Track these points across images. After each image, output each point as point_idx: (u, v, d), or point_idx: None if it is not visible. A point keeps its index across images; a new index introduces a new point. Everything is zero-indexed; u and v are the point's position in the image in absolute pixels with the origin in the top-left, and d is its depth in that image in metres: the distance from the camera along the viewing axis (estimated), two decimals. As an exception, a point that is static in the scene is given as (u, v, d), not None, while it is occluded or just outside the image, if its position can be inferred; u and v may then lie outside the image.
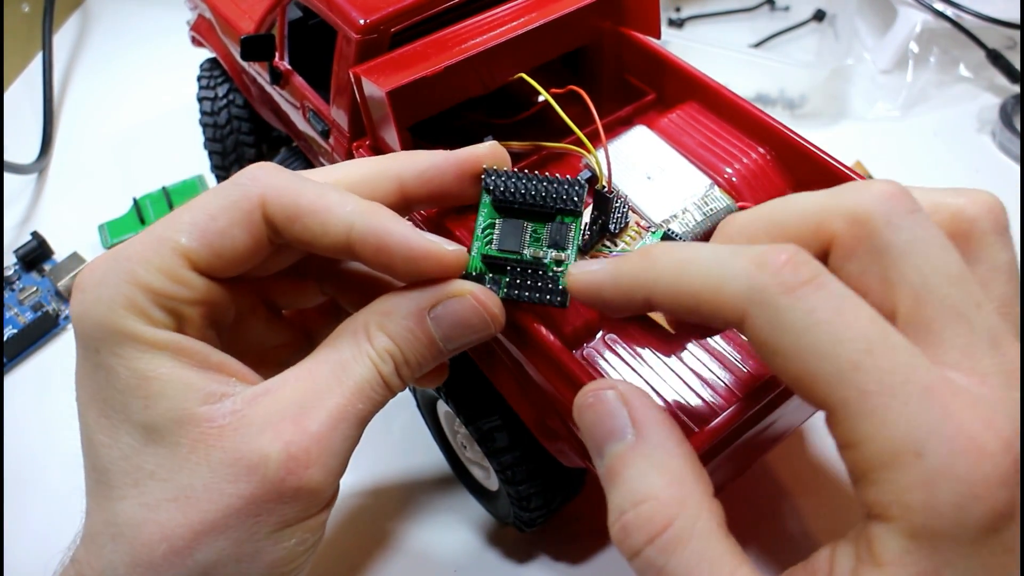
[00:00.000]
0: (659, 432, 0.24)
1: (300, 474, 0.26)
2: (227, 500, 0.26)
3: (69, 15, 0.86)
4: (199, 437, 0.26)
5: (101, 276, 0.27)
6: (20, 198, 0.67)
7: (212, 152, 0.60)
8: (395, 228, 0.28)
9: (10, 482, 0.48)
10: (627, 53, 0.44)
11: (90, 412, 0.28)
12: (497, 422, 0.37)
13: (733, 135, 0.39)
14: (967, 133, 0.68)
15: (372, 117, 0.38)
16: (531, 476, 0.38)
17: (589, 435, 0.25)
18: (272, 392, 0.27)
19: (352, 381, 0.28)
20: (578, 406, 0.25)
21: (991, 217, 0.25)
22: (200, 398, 0.27)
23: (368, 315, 0.29)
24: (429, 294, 0.29)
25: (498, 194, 0.31)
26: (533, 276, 0.30)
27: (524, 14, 0.39)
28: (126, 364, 0.26)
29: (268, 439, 0.26)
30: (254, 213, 0.28)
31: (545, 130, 0.39)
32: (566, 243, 0.30)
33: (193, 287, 0.28)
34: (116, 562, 0.26)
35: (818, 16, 0.77)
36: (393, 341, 0.28)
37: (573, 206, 0.30)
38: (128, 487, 0.27)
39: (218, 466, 0.26)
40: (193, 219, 0.28)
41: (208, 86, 0.59)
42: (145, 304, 0.27)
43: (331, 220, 0.28)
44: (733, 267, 0.23)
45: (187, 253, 0.28)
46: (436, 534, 0.45)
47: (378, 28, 0.38)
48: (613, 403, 0.25)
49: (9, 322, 0.56)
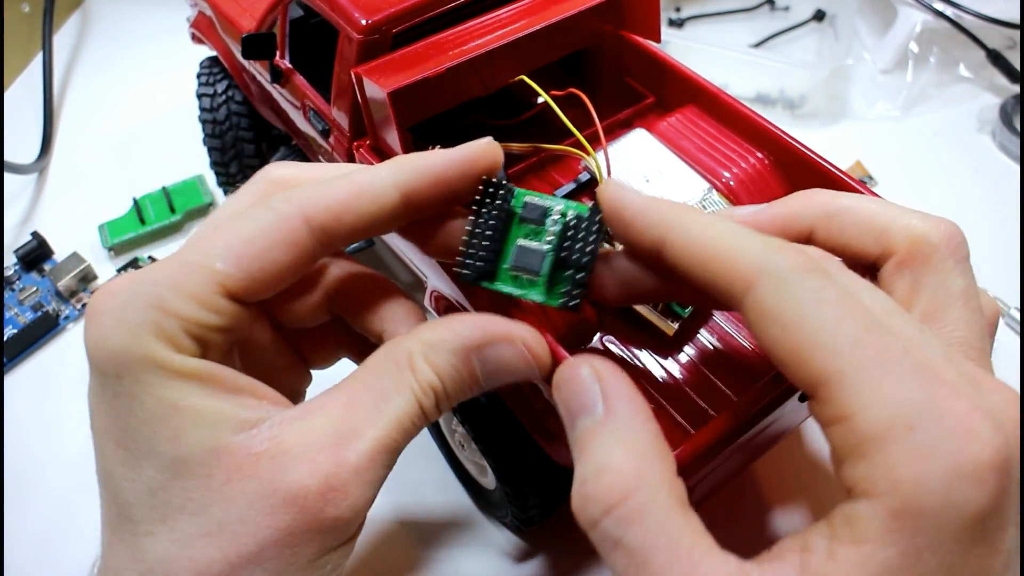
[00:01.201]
0: (627, 409, 0.24)
1: (339, 505, 0.26)
2: (264, 533, 0.25)
3: (69, 15, 0.86)
4: (234, 468, 0.25)
5: (124, 300, 0.26)
6: (20, 198, 0.67)
7: (211, 148, 0.60)
8: (432, 158, 0.29)
9: (10, 482, 0.48)
10: (627, 56, 0.44)
11: (107, 443, 0.26)
12: (495, 422, 0.37)
13: (732, 139, 0.39)
14: (967, 133, 0.68)
15: (373, 117, 0.38)
16: (529, 476, 0.38)
17: (564, 409, 0.25)
18: (309, 418, 0.27)
19: (393, 413, 0.27)
20: (556, 381, 0.26)
21: (951, 245, 0.27)
22: (235, 426, 0.26)
23: (413, 343, 0.28)
24: (480, 333, 0.28)
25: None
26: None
27: (525, 16, 0.39)
28: (152, 393, 0.25)
29: (307, 471, 0.25)
30: (297, 232, 0.27)
31: (545, 132, 0.39)
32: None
33: (224, 314, 0.27)
34: None
35: (818, 16, 0.77)
36: (438, 375, 0.28)
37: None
38: (155, 523, 0.26)
39: (255, 498, 0.25)
40: (228, 244, 0.27)
41: (207, 83, 0.59)
42: (174, 331, 0.26)
43: (377, 192, 0.28)
44: (754, 241, 0.24)
45: (223, 279, 0.27)
46: (435, 534, 0.45)
47: (380, 29, 0.38)
48: (586, 379, 0.25)
49: (9, 322, 0.56)
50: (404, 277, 0.55)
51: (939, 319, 0.26)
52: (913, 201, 0.30)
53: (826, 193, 0.29)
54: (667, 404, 0.32)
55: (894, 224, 0.27)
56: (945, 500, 0.20)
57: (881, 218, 0.28)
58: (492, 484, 0.42)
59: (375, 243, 0.52)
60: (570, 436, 0.25)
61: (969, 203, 0.62)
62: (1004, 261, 0.57)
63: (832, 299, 0.22)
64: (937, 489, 0.20)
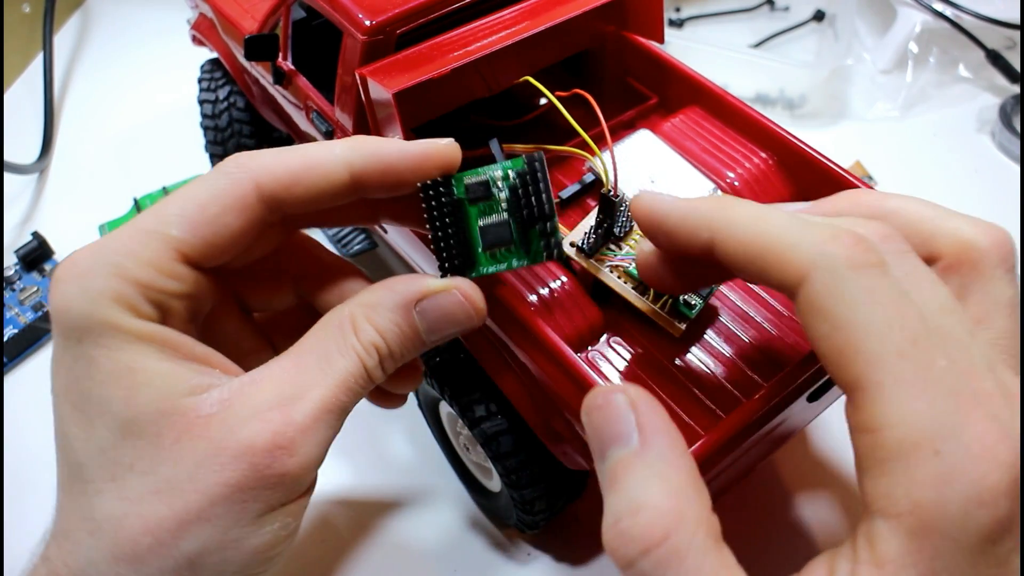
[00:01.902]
0: (664, 441, 0.24)
1: (285, 461, 0.27)
2: (213, 489, 0.26)
3: (70, 15, 0.85)
4: (184, 428, 0.26)
5: (85, 268, 0.27)
6: (21, 198, 0.66)
7: (213, 155, 0.60)
8: (389, 146, 0.29)
9: (10, 482, 0.48)
10: (630, 57, 0.44)
11: (64, 405, 0.27)
12: (502, 425, 0.37)
13: (735, 139, 0.39)
14: (966, 133, 0.68)
15: (377, 118, 0.38)
16: (535, 479, 0.38)
17: (595, 437, 0.25)
18: (258, 382, 0.28)
19: (337, 373, 0.28)
20: (587, 407, 0.25)
21: (1001, 253, 0.26)
22: (186, 389, 0.27)
23: (354, 307, 0.30)
24: (415, 288, 0.29)
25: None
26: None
27: (529, 17, 0.39)
28: (109, 355, 0.26)
29: (255, 428, 0.26)
30: (248, 197, 0.28)
31: (549, 132, 0.39)
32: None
33: (182, 279, 0.28)
34: (96, 558, 0.26)
35: (818, 16, 0.77)
36: (379, 333, 0.29)
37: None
38: (105, 481, 0.27)
39: (204, 456, 0.26)
40: (182, 210, 0.28)
41: (209, 88, 0.59)
42: (133, 297, 0.27)
43: (328, 168, 0.29)
44: (809, 232, 0.23)
45: (178, 245, 0.28)
46: (436, 535, 0.45)
47: (384, 30, 0.38)
48: (622, 407, 0.24)
49: (10, 322, 0.56)
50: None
51: (986, 327, 0.25)
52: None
53: (873, 194, 0.29)
54: (676, 405, 0.33)
55: (941, 228, 0.27)
56: (963, 525, 0.20)
57: (928, 222, 0.27)
58: (497, 487, 0.42)
59: (377, 244, 0.52)
60: (599, 465, 0.25)
61: (968, 203, 0.61)
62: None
63: (885, 300, 0.22)
64: (956, 514, 0.20)
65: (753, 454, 0.34)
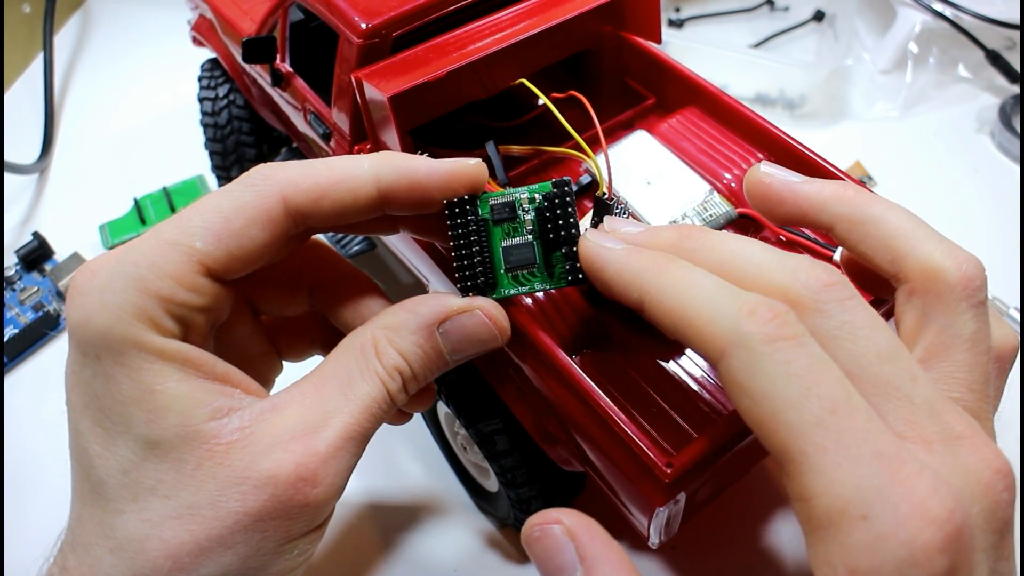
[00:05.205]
0: (607, 569, 0.24)
1: (308, 492, 0.26)
2: (234, 517, 0.26)
3: (70, 15, 0.86)
4: (205, 455, 0.26)
5: (105, 280, 0.26)
6: (21, 198, 0.67)
7: (213, 152, 0.60)
8: (417, 163, 0.29)
9: (10, 482, 0.48)
10: (628, 57, 0.44)
11: (83, 420, 0.27)
12: (498, 425, 0.37)
13: (733, 140, 0.39)
14: (966, 133, 0.68)
15: (373, 120, 0.38)
16: (532, 479, 0.38)
17: (539, 568, 0.25)
18: (279, 408, 0.27)
19: (360, 399, 0.28)
20: (525, 538, 0.25)
21: (969, 288, 0.25)
22: (207, 414, 0.26)
23: (375, 330, 0.29)
24: (438, 309, 0.29)
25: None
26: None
27: (526, 19, 0.39)
28: (130, 375, 0.26)
29: (278, 458, 0.26)
30: (274, 210, 0.28)
31: (547, 133, 0.39)
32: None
33: (203, 293, 0.28)
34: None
35: (818, 16, 0.77)
36: (403, 356, 0.28)
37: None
38: (127, 501, 0.26)
39: (225, 484, 0.26)
40: (206, 222, 0.28)
41: (209, 86, 0.59)
42: (155, 312, 0.26)
43: (356, 183, 0.28)
44: (728, 307, 0.23)
45: (202, 258, 0.27)
46: (435, 535, 0.45)
47: (380, 32, 0.38)
48: (560, 538, 0.24)
49: (10, 322, 0.56)
50: (405, 280, 0.55)
51: (943, 358, 0.25)
52: (912, 201, 0.30)
53: (860, 194, 0.28)
54: (669, 407, 0.33)
55: (915, 251, 0.26)
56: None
57: (903, 240, 0.26)
58: (494, 486, 0.42)
59: (376, 245, 0.52)
60: None
61: (968, 203, 0.62)
62: (1003, 261, 0.57)
63: (802, 372, 0.22)
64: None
65: (747, 455, 0.34)
